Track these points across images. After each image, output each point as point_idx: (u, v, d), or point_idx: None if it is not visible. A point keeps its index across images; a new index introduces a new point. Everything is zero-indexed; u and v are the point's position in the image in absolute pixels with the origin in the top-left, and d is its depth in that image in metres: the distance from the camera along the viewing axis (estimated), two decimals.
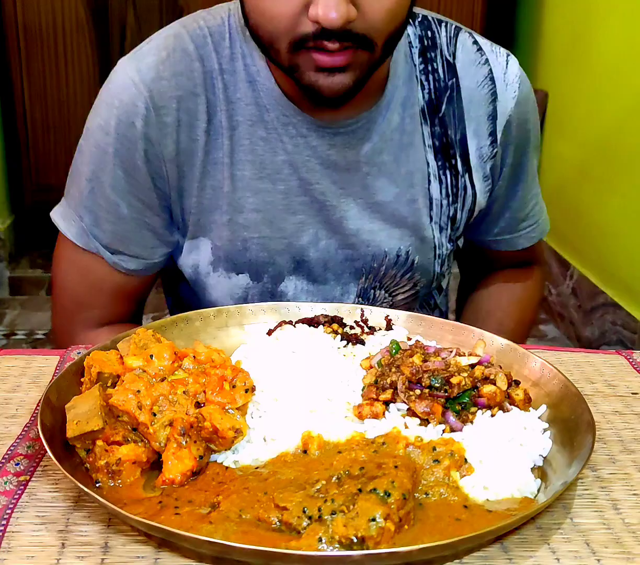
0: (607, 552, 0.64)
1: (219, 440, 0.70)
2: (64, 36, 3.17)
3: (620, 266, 2.36)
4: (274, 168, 1.15)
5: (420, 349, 0.80)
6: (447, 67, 1.21)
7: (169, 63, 1.13)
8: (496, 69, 1.22)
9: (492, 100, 1.21)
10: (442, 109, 1.20)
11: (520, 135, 1.25)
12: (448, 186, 1.22)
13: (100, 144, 1.15)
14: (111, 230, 1.17)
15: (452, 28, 1.24)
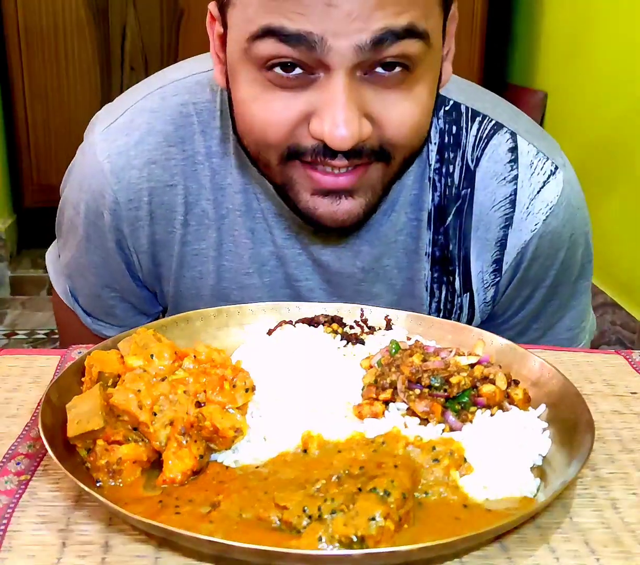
0: (606, 551, 0.64)
1: (219, 440, 0.70)
2: (65, 36, 3.17)
3: (620, 266, 2.36)
4: (261, 260, 1.04)
5: (420, 348, 0.80)
6: (466, 174, 1.00)
7: (142, 148, 1.00)
8: (523, 191, 1.00)
9: (505, 226, 1.01)
10: (448, 219, 1.02)
11: (539, 272, 1.05)
12: (441, 301, 1.06)
13: (74, 220, 1.07)
14: (89, 300, 1.13)
15: (489, 125, 1.00)
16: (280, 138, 0.85)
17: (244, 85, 0.86)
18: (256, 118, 0.86)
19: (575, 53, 2.70)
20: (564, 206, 1.02)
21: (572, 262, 1.08)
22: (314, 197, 0.88)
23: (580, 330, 1.15)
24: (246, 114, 0.87)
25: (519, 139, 1.01)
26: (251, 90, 0.85)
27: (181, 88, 1.01)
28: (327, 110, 0.81)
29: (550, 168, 1.01)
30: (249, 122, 0.87)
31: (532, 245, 1.02)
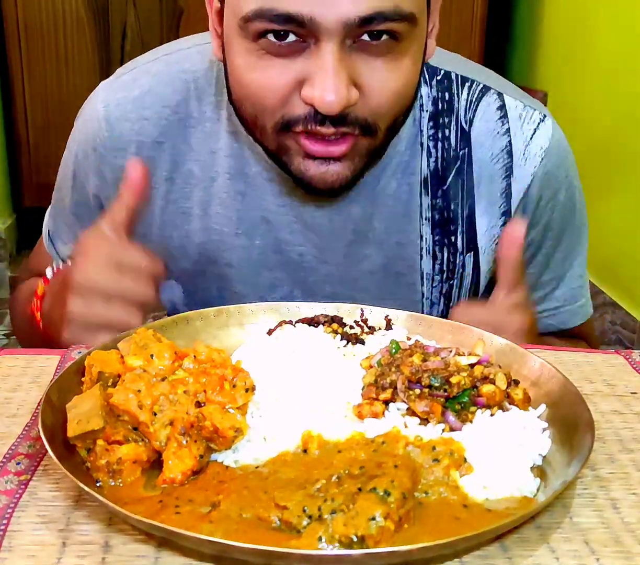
0: (606, 551, 0.64)
1: (220, 440, 0.70)
2: (65, 36, 3.18)
3: (620, 266, 2.36)
4: (251, 223, 1.08)
5: (420, 348, 0.80)
6: (461, 135, 1.06)
7: (138, 105, 1.06)
8: (517, 140, 1.07)
9: (507, 176, 1.07)
10: (448, 181, 1.07)
11: (544, 215, 1.11)
12: (444, 262, 1.10)
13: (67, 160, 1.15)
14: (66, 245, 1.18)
15: (477, 88, 1.07)
16: (276, 103, 0.90)
17: (239, 54, 0.91)
18: (252, 85, 0.90)
19: (575, 53, 2.71)
20: (556, 147, 1.09)
21: (572, 205, 1.14)
22: (305, 160, 0.93)
23: (587, 277, 1.21)
24: (243, 82, 0.92)
25: (506, 97, 1.08)
26: (247, 60, 0.90)
27: (183, 57, 1.08)
28: (318, 77, 0.86)
29: (539, 116, 1.09)
30: (245, 90, 0.92)
31: (533, 187, 1.08)
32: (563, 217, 1.13)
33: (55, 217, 1.21)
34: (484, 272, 1.12)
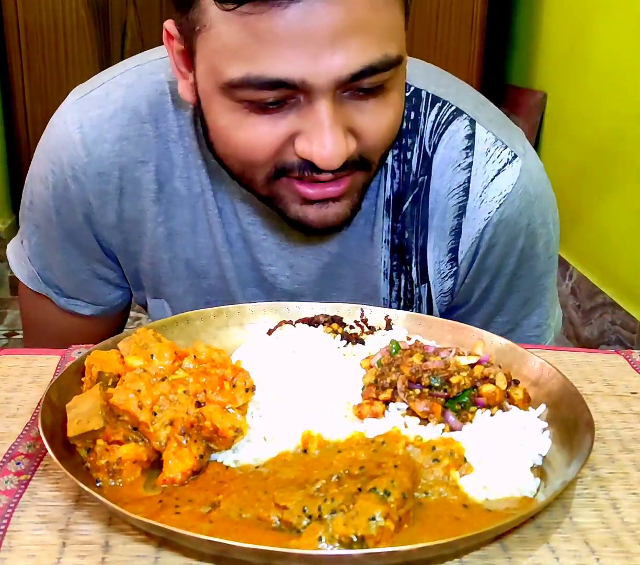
0: (606, 551, 0.64)
1: (219, 440, 0.70)
2: (65, 35, 3.17)
3: (620, 266, 2.36)
4: (230, 241, 1.05)
5: (420, 348, 0.80)
6: (423, 161, 1.00)
7: (115, 123, 0.99)
8: (476, 178, 0.99)
9: (459, 214, 1.00)
10: (404, 206, 1.02)
11: (496, 261, 1.03)
12: (401, 290, 1.06)
13: (42, 195, 1.07)
14: (63, 277, 1.11)
15: (448, 111, 1.00)
16: (267, 159, 0.86)
17: (221, 113, 0.86)
18: (240, 144, 0.86)
19: (575, 53, 2.70)
20: (519, 194, 1.00)
21: (532, 253, 1.05)
22: (303, 206, 0.90)
23: (547, 327, 1.14)
24: (228, 141, 0.87)
25: (478, 126, 1.00)
26: (230, 118, 0.85)
27: (157, 67, 1.01)
28: (314, 134, 0.82)
29: (508, 157, 0.99)
30: (232, 147, 0.87)
31: (486, 233, 1.01)
32: (519, 264, 1.05)
33: (40, 255, 1.12)
34: (436, 304, 1.08)
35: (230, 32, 0.80)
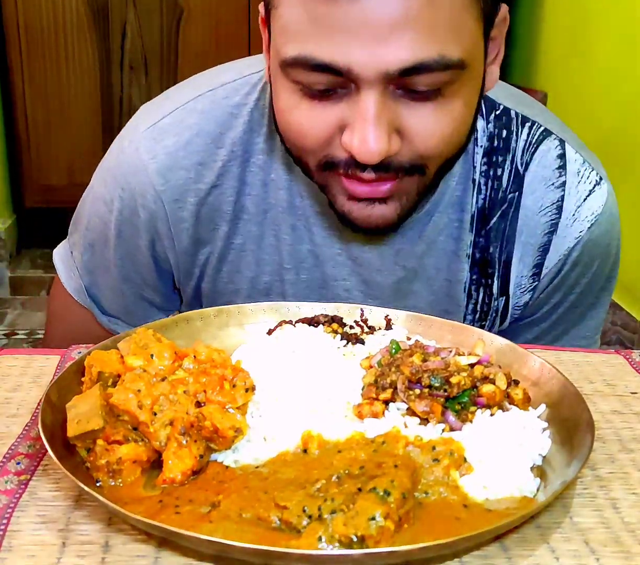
0: (606, 551, 0.64)
1: (219, 440, 0.70)
2: (65, 36, 3.18)
3: (620, 266, 2.36)
4: (299, 257, 1.04)
5: (420, 348, 0.80)
6: (514, 178, 1.01)
7: (191, 150, 1.00)
8: (570, 198, 1.02)
9: (550, 232, 1.02)
10: (491, 222, 1.02)
11: (572, 278, 1.06)
12: (478, 303, 1.06)
13: (103, 217, 1.06)
14: (110, 296, 1.11)
15: (538, 131, 1.02)
16: (316, 146, 0.87)
17: (281, 93, 0.87)
18: (293, 127, 0.87)
19: (575, 53, 2.70)
20: (607, 216, 1.04)
21: (601, 272, 1.09)
22: (349, 202, 0.90)
23: (593, 341, 1.15)
24: (284, 122, 0.89)
25: (567, 146, 1.02)
26: (287, 100, 0.87)
27: (231, 90, 1.02)
28: (357, 126, 0.82)
29: (596, 178, 1.04)
30: (286, 130, 0.89)
31: (575, 252, 1.04)
32: (589, 283, 1.08)
33: (90, 272, 1.12)
34: (510, 316, 1.09)
35: (291, 13, 0.81)
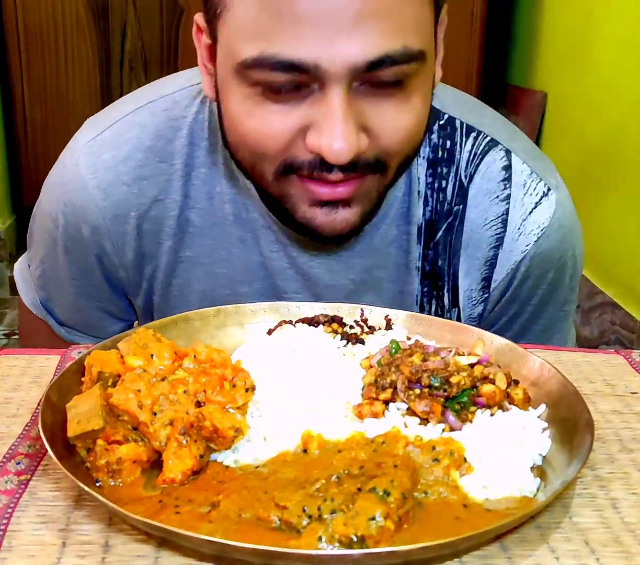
0: (606, 551, 0.64)
1: (219, 440, 0.70)
2: (65, 36, 3.18)
3: (620, 266, 2.36)
4: (251, 269, 1.03)
5: (420, 348, 0.80)
6: (459, 190, 0.99)
7: (131, 164, 0.98)
8: (515, 211, 0.99)
9: (496, 246, 1.01)
10: (438, 234, 1.01)
11: (526, 291, 1.04)
12: (431, 315, 1.04)
13: (51, 233, 1.04)
14: (66, 311, 1.10)
15: (483, 142, 0.99)
16: (276, 151, 0.84)
17: (235, 100, 0.84)
18: (251, 133, 0.84)
19: (575, 53, 2.70)
20: (555, 228, 1.01)
21: (559, 284, 1.07)
22: (311, 208, 0.87)
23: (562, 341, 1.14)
24: (240, 130, 0.85)
25: (514, 157, 1.00)
26: (244, 105, 0.84)
27: (170, 102, 1.00)
28: (325, 125, 0.80)
29: (543, 189, 1.01)
30: (243, 136, 0.86)
31: (522, 265, 1.02)
32: (546, 294, 1.06)
33: (43, 287, 1.12)
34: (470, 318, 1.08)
35: (248, 11, 0.79)
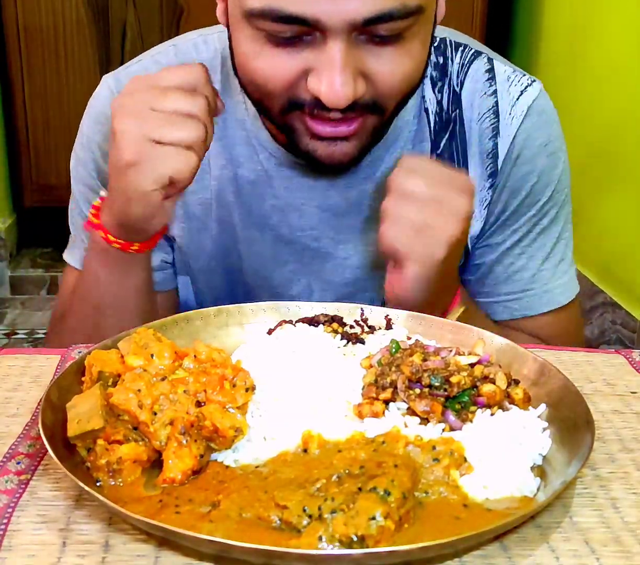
0: (606, 551, 0.64)
1: (220, 439, 0.70)
2: (65, 36, 3.17)
3: (620, 265, 2.36)
4: (262, 214, 1.06)
5: (420, 348, 0.80)
6: (453, 97, 1.06)
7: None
8: (503, 101, 1.06)
9: (493, 135, 1.06)
10: (441, 144, 1.05)
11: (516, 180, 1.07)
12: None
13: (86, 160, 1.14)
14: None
15: (469, 53, 1.08)
16: (281, 90, 0.89)
17: (243, 41, 0.89)
18: (257, 73, 0.89)
19: (575, 53, 2.70)
20: (539, 110, 1.06)
21: (547, 177, 1.10)
22: (313, 141, 0.92)
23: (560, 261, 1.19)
24: (247, 69, 0.90)
25: (495, 62, 1.09)
26: (250, 46, 0.88)
27: (190, 46, 1.08)
28: (324, 71, 0.84)
29: (528, 81, 1.08)
30: (250, 74, 0.91)
31: (513, 145, 1.06)
32: (542, 190, 1.09)
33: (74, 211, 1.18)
34: (471, 238, 1.10)
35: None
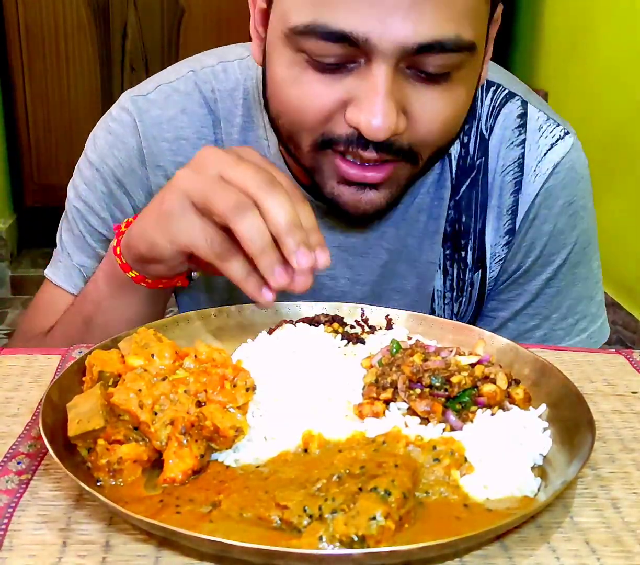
0: (606, 551, 0.64)
1: (220, 439, 0.70)
2: (66, 36, 3.18)
3: (621, 266, 2.36)
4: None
5: (421, 348, 0.80)
6: (480, 143, 1.00)
7: (174, 125, 1.02)
8: (530, 154, 1.00)
9: (515, 190, 1.00)
10: (460, 190, 1.01)
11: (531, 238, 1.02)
12: (454, 279, 1.04)
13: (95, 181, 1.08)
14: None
15: (502, 94, 1.01)
16: (315, 123, 0.84)
17: (281, 65, 0.84)
18: (293, 100, 0.84)
19: (576, 52, 2.71)
20: (566, 168, 1.00)
21: (569, 238, 1.04)
22: (339, 185, 0.88)
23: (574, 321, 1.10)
24: (282, 96, 0.85)
25: (529, 106, 1.01)
26: (288, 72, 0.84)
27: (210, 75, 1.03)
28: (366, 100, 0.80)
29: (560, 133, 1.01)
30: (284, 104, 0.86)
31: (533, 204, 1.01)
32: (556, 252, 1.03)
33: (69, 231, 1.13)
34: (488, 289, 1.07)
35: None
